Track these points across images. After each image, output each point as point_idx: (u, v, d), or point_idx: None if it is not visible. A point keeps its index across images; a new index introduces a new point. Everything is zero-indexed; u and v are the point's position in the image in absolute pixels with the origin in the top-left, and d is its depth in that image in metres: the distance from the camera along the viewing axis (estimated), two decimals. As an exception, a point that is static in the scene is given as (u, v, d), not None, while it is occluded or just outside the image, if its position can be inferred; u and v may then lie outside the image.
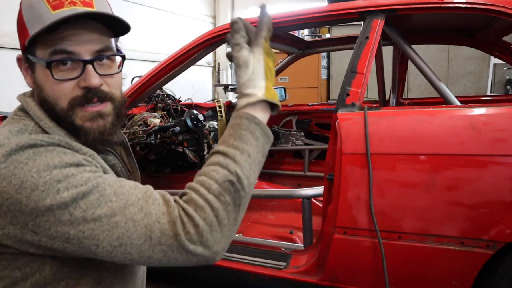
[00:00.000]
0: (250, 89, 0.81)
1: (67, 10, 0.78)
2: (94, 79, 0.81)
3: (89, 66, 0.81)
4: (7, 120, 0.86)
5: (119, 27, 0.85)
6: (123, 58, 0.89)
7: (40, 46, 0.80)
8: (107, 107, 0.85)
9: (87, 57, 0.81)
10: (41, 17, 0.77)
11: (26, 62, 0.84)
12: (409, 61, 2.01)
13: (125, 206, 0.70)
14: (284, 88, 3.42)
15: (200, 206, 0.70)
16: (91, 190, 0.71)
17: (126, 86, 2.15)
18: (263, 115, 0.81)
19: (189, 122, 2.50)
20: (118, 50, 0.89)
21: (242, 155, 0.75)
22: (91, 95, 0.82)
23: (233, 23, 0.84)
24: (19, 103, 0.88)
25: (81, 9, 0.79)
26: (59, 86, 0.80)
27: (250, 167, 0.75)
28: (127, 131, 2.43)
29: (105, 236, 0.69)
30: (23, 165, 0.70)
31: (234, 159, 0.74)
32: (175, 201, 0.73)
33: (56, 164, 0.72)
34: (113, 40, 0.87)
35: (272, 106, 0.83)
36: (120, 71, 0.89)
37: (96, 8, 0.82)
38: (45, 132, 0.82)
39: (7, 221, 0.71)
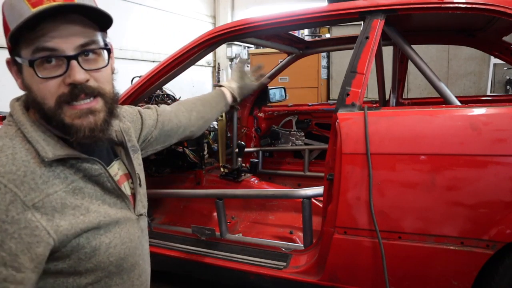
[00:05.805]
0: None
1: (46, 6, 0.74)
2: (79, 75, 0.78)
3: (74, 62, 0.78)
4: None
5: (103, 20, 0.82)
6: (108, 51, 0.86)
7: (24, 45, 0.78)
8: (98, 103, 0.82)
9: (71, 52, 0.78)
10: (22, 16, 0.75)
11: (15, 65, 0.82)
12: (409, 61, 2.01)
13: None
14: (284, 88, 3.41)
15: None
16: None
17: (126, 86, 2.15)
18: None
19: (189, 122, 2.49)
20: (106, 44, 0.86)
21: None
22: (77, 91, 0.79)
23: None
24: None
25: (59, 3, 0.75)
26: (45, 84, 0.78)
27: None
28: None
29: None
30: None
31: None
32: None
33: None
34: (99, 33, 0.84)
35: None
36: (107, 64, 0.86)
37: (76, 1, 0.78)
38: (25, 137, 0.79)
39: None
